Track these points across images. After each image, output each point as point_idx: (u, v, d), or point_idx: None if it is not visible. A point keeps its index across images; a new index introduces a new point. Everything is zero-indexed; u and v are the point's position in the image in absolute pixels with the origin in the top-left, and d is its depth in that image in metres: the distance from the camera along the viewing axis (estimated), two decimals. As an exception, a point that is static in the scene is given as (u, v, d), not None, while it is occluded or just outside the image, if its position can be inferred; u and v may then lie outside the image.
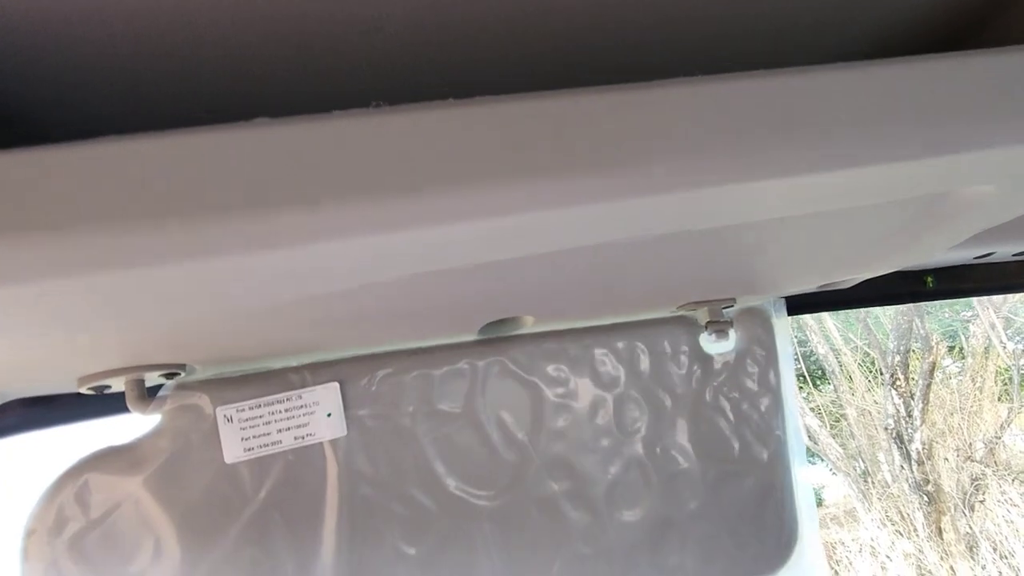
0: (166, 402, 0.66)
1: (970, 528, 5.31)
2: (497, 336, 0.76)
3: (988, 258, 0.98)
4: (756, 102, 0.41)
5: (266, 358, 0.68)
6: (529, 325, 0.74)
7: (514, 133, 0.38)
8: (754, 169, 0.42)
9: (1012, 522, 5.18)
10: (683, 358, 0.83)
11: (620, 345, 0.81)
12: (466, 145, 0.37)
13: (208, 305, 0.46)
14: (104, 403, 0.66)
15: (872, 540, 5.66)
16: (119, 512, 0.61)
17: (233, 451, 0.65)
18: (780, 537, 0.84)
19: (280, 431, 0.67)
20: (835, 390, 6.31)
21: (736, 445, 0.84)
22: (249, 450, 0.65)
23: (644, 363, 0.82)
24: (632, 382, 0.81)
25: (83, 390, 0.62)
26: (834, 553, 5.79)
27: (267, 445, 0.66)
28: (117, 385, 0.63)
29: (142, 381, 0.64)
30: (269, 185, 0.34)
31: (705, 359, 0.84)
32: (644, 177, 0.40)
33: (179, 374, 0.64)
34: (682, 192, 0.42)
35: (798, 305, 0.97)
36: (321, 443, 0.68)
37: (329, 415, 0.69)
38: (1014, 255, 0.98)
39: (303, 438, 0.67)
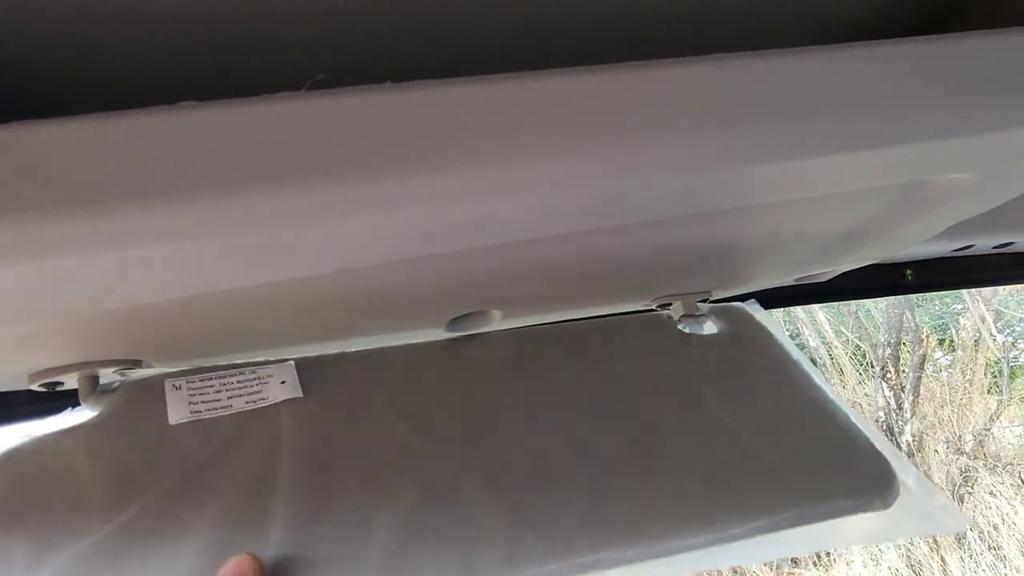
0: (116, 395, 0.64)
1: (959, 519, 5.34)
2: (465, 333, 0.75)
3: (968, 251, 0.97)
4: (724, 86, 0.40)
5: (224, 355, 0.66)
6: (497, 320, 0.73)
7: (461, 117, 0.36)
8: (722, 156, 0.40)
9: (1004, 511, 5.22)
10: (662, 350, 0.81)
11: (594, 339, 0.79)
12: (406, 130, 0.35)
13: (158, 295, 0.43)
14: (55, 401, 0.64)
15: (862, 532, 5.68)
16: (44, 474, 0.57)
17: (178, 413, 0.62)
18: (873, 468, 0.68)
19: (231, 397, 0.64)
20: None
21: (742, 434, 0.73)
22: (196, 412, 0.62)
23: (621, 356, 0.79)
24: (611, 374, 0.78)
25: (34, 387, 0.61)
26: (824, 545, 5.80)
27: (215, 408, 0.63)
28: (70, 382, 0.61)
29: (96, 377, 0.62)
30: (194, 172, 0.32)
31: (686, 351, 0.82)
32: (608, 163, 0.38)
33: (134, 370, 0.62)
34: (648, 178, 0.40)
35: (776, 298, 0.96)
36: (277, 414, 0.64)
37: (283, 383, 0.66)
38: (994, 248, 0.97)
39: (255, 402, 0.64)
